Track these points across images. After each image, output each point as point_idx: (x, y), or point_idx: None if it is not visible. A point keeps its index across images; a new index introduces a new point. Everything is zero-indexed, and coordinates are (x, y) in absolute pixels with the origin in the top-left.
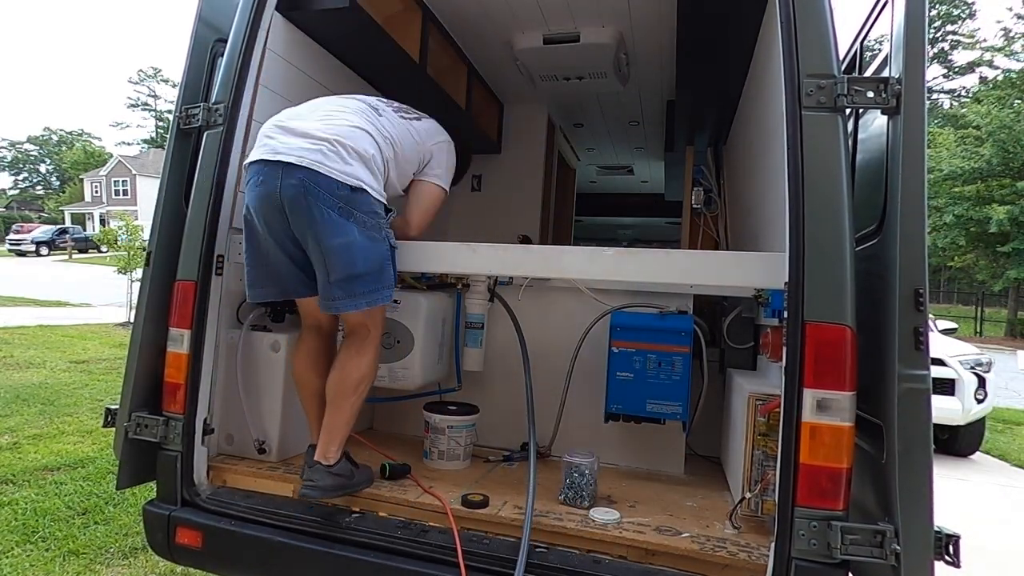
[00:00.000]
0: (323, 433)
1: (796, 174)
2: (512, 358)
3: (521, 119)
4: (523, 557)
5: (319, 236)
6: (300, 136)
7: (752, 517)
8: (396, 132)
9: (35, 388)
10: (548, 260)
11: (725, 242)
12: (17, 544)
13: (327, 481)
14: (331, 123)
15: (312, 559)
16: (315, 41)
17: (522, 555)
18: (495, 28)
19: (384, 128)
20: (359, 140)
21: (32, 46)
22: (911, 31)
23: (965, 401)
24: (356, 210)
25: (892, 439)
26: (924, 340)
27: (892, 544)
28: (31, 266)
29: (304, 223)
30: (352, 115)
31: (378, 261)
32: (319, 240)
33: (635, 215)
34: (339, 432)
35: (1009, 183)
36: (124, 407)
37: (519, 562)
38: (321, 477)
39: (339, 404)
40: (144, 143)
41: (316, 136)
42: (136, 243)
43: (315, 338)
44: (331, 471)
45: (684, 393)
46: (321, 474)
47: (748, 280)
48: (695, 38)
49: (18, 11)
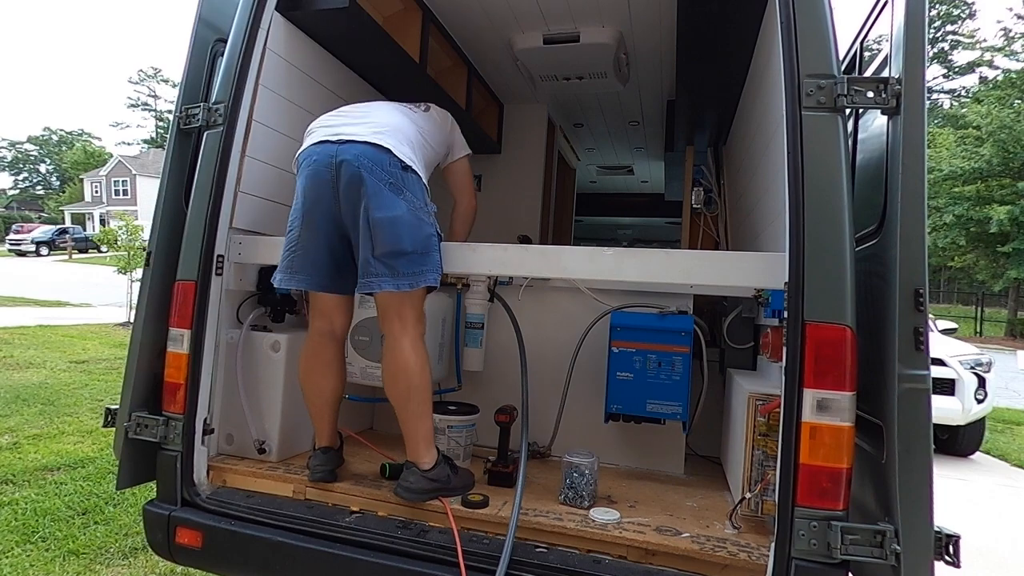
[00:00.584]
0: (406, 441)
1: (796, 174)
2: (513, 358)
3: (521, 119)
4: (507, 554)
5: (368, 207)
6: (354, 122)
7: (752, 517)
8: (427, 125)
9: (35, 388)
10: (548, 260)
11: (725, 242)
12: (17, 544)
13: (421, 484)
14: (378, 115)
15: (312, 559)
16: (315, 41)
17: (506, 552)
18: (495, 28)
19: (418, 121)
20: (406, 128)
21: (32, 46)
22: (911, 31)
23: (965, 401)
24: (406, 189)
25: (892, 439)
26: (924, 340)
27: (892, 544)
28: (31, 266)
29: (356, 195)
30: (392, 110)
31: (424, 242)
32: (368, 211)
33: (635, 215)
34: (419, 435)
35: (1009, 183)
36: (124, 407)
37: (502, 558)
38: (416, 480)
39: (406, 408)
40: (144, 143)
41: (370, 120)
42: (136, 243)
43: (325, 341)
44: (426, 475)
45: (684, 393)
46: (416, 477)
47: (748, 280)
48: (695, 38)
49: (18, 11)
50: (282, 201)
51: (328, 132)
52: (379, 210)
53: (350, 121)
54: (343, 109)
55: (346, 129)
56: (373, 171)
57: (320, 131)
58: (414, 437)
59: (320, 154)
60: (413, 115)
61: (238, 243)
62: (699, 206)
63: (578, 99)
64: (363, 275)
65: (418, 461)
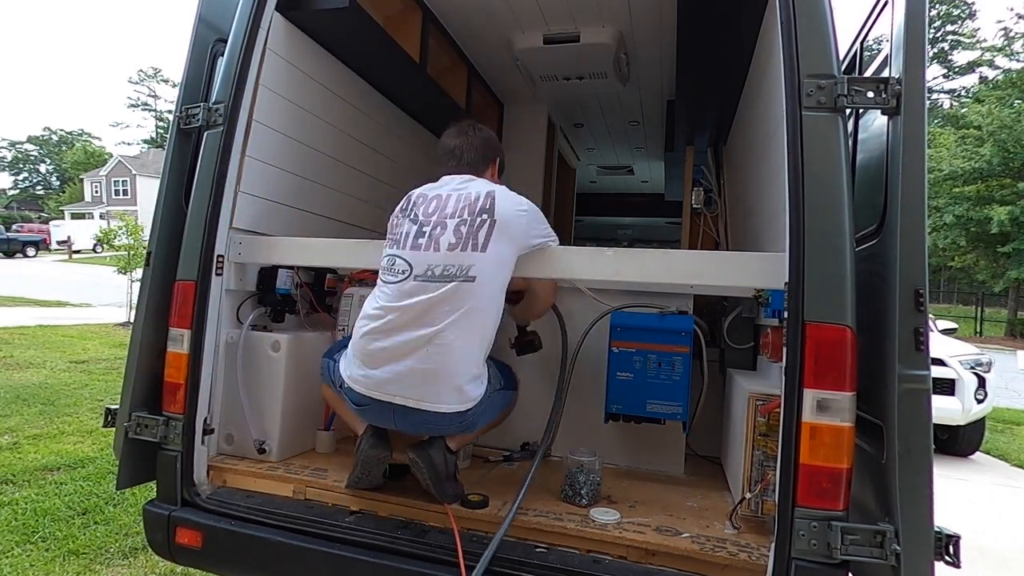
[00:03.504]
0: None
1: (796, 174)
2: (513, 358)
3: (521, 119)
4: (492, 549)
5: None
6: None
7: (752, 517)
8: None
9: (35, 388)
10: (548, 260)
11: (725, 242)
12: (17, 544)
13: (439, 458)
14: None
15: (312, 559)
16: (315, 41)
17: (492, 547)
18: (495, 28)
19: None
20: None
21: (32, 46)
22: (911, 31)
23: (965, 401)
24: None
25: (892, 439)
26: (924, 340)
27: (892, 544)
28: (31, 266)
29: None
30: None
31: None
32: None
33: (635, 215)
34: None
35: (1010, 183)
36: (124, 407)
37: (486, 552)
38: (438, 453)
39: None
40: (144, 143)
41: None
42: (136, 242)
43: None
44: (450, 453)
45: (684, 393)
46: (441, 451)
47: (748, 280)
48: (695, 38)
49: (18, 11)
50: (282, 201)
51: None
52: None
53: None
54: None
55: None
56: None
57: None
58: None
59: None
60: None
61: (238, 243)
62: (699, 206)
63: (578, 99)
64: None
65: (449, 439)
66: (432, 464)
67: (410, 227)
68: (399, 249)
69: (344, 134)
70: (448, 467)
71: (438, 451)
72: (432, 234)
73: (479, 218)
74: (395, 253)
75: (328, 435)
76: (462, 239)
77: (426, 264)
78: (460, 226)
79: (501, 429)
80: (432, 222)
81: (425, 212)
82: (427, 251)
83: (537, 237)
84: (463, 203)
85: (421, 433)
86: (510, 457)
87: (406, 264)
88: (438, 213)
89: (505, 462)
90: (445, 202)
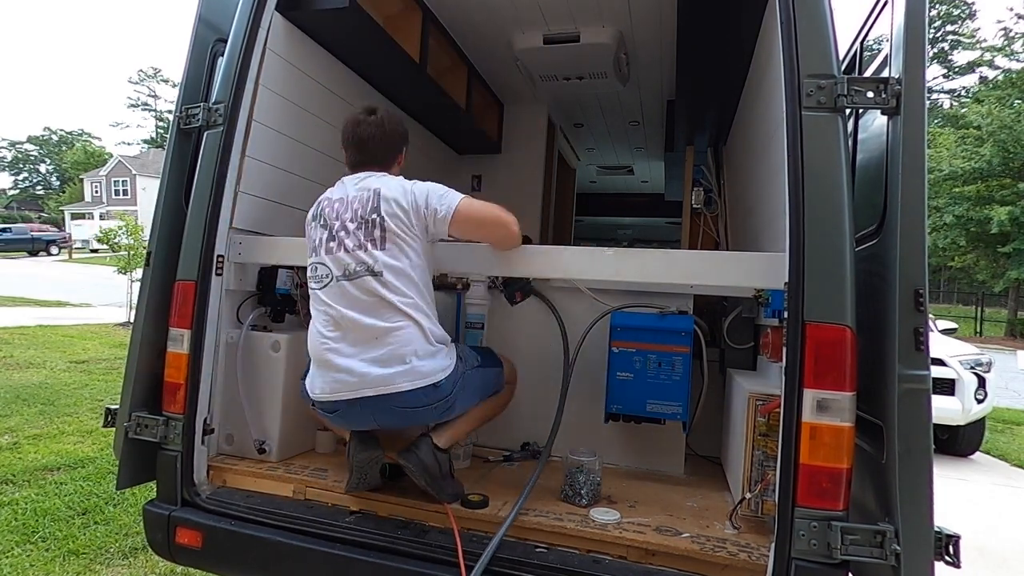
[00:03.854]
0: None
1: (796, 174)
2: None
3: (521, 119)
4: (492, 549)
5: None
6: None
7: (752, 517)
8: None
9: (35, 388)
10: (548, 260)
11: (725, 242)
12: (17, 544)
13: (429, 459)
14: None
15: (312, 559)
16: (315, 41)
17: (492, 547)
18: (495, 28)
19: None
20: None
21: (32, 46)
22: (911, 31)
23: (965, 401)
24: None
25: (892, 439)
26: (924, 340)
27: (892, 544)
28: (31, 266)
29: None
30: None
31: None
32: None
33: (635, 215)
34: (455, 426)
35: (1010, 183)
36: (124, 407)
37: (486, 552)
38: (426, 451)
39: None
40: (144, 143)
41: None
42: (136, 242)
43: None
44: (438, 450)
45: (684, 393)
46: (428, 448)
47: (748, 280)
48: (695, 38)
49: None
50: (282, 201)
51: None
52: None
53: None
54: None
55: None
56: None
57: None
58: (450, 425)
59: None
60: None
61: (238, 243)
62: (699, 206)
63: (578, 99)
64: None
65: (438, 438)
66: (422, 464)
67: (321, 233)
68: (316, 256)
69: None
70: (441, 466)
71: (426, 451)
72: (339, 236)
73: (371, 218)
74: (315, 260)
75: (328, 435)
76: (362, 240)
77: (342, 265)
78: (358, 229)
79: (501, 429)
80: (337, 225)
81: (330, 216)
82: (339, 252)
83: (438, 208)
84: (357, 204)
85: (403, 425)
86: (510, 457)
87: (327, 268)
88: (339, 217)
89: (505, 462)
90: (347, 205)
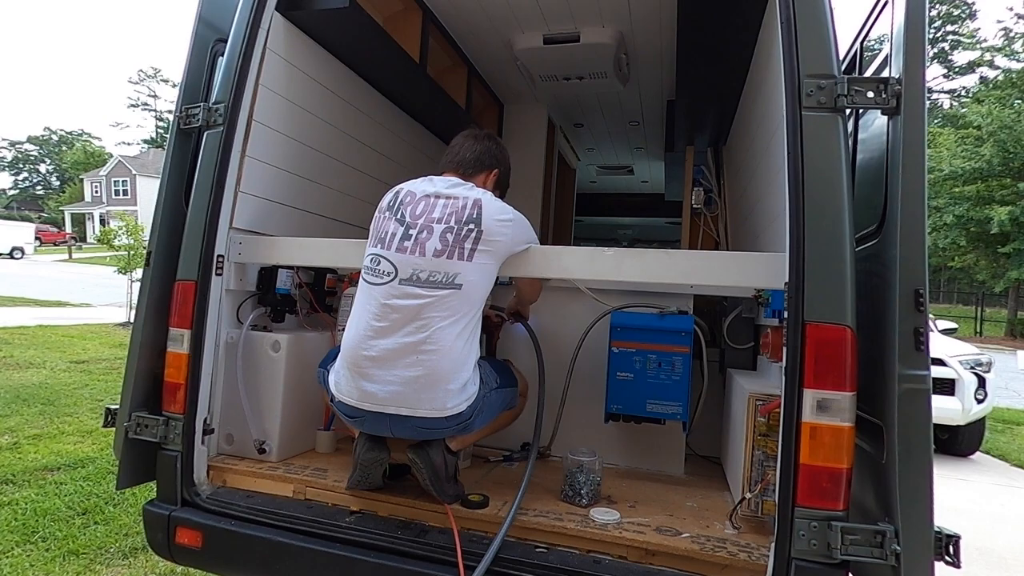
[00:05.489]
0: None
1: (796, 174)
2: (512, 358)
3: (521, 119)
4: (492, 550)
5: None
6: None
7: (752, 517)
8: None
9: (35, 388)
10: (548, 260)
11: (725, 242)
12: (17, 544)
13: (438, 459)
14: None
15: (312, 559)
16: (315, 41)
17: (492, 547)
18: (495, 28)
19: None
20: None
21: (32, 46)
22: (911, 31)
23: (965, 401)
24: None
25: (892, 439)
26: (924, 340)
27: (892, 544)
28: (31, 266)
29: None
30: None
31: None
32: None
33: (635, 215)
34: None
35: (1010, 183)
36: (124, 407)
37: (487, 553)
38: (437, 452)
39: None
40: (144, 143)
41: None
42: (136, 242)
43: None
44: (449, 453)
45: (684, 393)
46: (439, 450)
47: (748, 280)
48: (695, 38)
49: (18, 11)
50: (282, 201)
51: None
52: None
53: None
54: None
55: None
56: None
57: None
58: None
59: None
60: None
61: (238, 243)
62: (699, 206)
63: (578, 99)
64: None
65: (449, 439)
66: (432, 465)
67: (396, 227)
68: (384, 249)
69: (344, 134)
70: (448, 468)
71: (437, 452)
72: (419, 238)
73: (466, 227)
74: (380, 253)
75: (328, 435)
76: (448, 246)
77: (412, 268)
78: (447, 233)
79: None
80: (419, 225)
81: (412, 213)
82: (413, 255)
83: (521, 244)
84: (451, 209)
85: (418, 439)
86: (510, 457)
87: (391, 266)
88: (425, 216)
89: (505, 462)
90: (433, 205)
